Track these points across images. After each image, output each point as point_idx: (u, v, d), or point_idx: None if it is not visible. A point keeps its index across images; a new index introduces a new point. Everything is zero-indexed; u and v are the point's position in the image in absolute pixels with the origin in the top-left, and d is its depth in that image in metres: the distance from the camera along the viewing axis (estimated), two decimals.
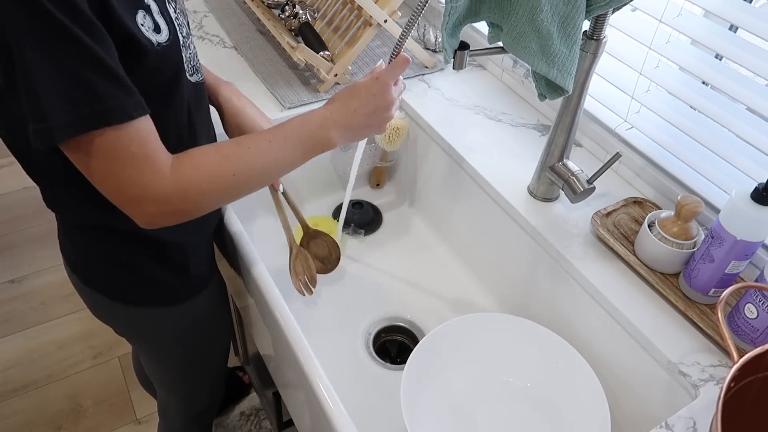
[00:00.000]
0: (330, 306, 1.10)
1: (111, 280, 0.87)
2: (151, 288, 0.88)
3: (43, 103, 0.57)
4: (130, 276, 0.86)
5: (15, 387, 1.62)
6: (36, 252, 1.96)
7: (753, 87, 0.84)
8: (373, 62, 1.28)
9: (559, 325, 0.95)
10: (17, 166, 0.79)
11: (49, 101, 0.57)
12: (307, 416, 0.91)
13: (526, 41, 0.80)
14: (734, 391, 0.65)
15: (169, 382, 1.11)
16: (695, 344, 0.81)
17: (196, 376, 1.11)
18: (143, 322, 0.93)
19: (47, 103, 0.57)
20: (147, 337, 0.98)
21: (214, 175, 0.69)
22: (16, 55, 0.56)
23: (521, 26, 0.80)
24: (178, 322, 0.95)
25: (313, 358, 0.80)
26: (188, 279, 0.92)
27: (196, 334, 1.00)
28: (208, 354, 1.08)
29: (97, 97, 0.59)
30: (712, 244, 0.79)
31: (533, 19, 0.78)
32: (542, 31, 0.78)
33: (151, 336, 0.98)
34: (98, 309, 0.94)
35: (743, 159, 0.87)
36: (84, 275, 0.88)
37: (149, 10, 0.66)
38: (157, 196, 0.65)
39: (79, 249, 0.86)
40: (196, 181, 0.67)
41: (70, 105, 0.58)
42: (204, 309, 0.98)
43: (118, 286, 0.87)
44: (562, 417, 0.89)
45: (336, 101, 0.77)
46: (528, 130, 1.15)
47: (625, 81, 1.01)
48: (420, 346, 0.88)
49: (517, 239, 1.01)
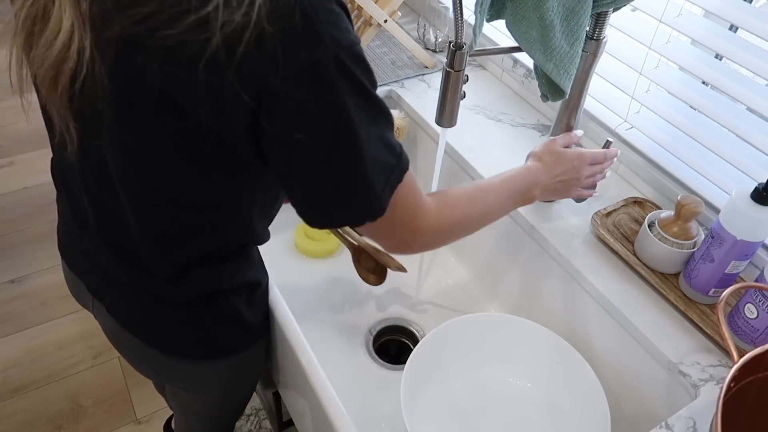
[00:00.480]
0: (330, 306, 1.10)
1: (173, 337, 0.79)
2: (215, 343, 0.81)
3: (370, 176, 0.58)
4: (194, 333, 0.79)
5: (15, 387, 1.62)
6: (36, 252, 1.95)
7: (753, 87, 0.84)
8: (373, 62, 1.28)
9: (559, 325, 0.95)
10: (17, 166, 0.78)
11: (373, 171, 0.58)
12: (307, 416, 0.91)
13: (527, 27, 0.79)
14: (734, 391, 0.65)
15: (203, 417, 1.06)
16: (695, 344, 0.81)
17: (232, 406, 1.06)
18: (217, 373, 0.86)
19: (372, 174, 0.58)
20: (212, 385, 0.91)
21: (466, 218, 0.75)
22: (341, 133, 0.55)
23: (525, 10, 0.79)
24: (233, 371, 0.88)
25: (313, 358, 0.80)
26: (259, 325, 0.86)
27: (249, 373, 0.95)
28: (249, 388, 1.02)
29: (395, 153, 0.60)
30: (712, 244, 0.79)
31: (539, 5, 0.77)
32: (546, 20, 0.77)
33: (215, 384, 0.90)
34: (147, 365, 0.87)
35: (743, 159, 0.87)
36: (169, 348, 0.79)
37: None
38: (424, 237, 0.68)
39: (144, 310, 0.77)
40: (452, 221, 0.72)
41: (383, 169, 0.59)
42: (259, 353, 0.92)
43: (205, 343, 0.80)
44: (562, 417, 0.89)
45: (544, 162, 0.85)
46: (528, 130, 1.15)
47: (625, 81, 1.01)
48: (420, 346, 0.88)
49: (517, 239, 1.01)
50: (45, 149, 2.30)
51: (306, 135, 0.55)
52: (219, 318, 0.79)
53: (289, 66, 0.51)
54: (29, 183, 2.16)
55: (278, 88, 0.52)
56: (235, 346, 0.84)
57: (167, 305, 0.76)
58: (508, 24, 0.83)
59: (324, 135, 0.55)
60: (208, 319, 0.78)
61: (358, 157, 0.57)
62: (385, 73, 1.25)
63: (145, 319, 0.79)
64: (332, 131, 0.55)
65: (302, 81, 0.52)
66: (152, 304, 0.77)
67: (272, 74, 0.51)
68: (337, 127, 0.55)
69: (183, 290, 0.74)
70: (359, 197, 0.59)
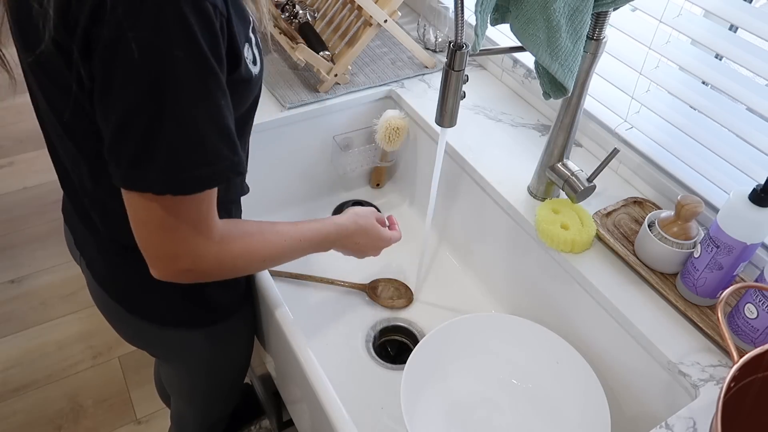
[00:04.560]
0: (330, 306, 1.10)
1: (162, 305, 0.82)
2: (207, 308, 0.85)
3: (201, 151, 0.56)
4: (188, 298, 0.82)
5: (15, 387, 1.62)
6: (36, 252, 1.95)
7: (753, 87, 0.84)
8: (373, 62, 1.28)
9: (559, 325, 0.95)
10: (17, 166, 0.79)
11: (203, 152, 0.57)
12: (307, 416, 0.91)
13: (535, 29, 0.79)
14: (734, 391, 0.65)
15: (192, 395, 1.08)
16: (695, 344, 0.81)
17: (221, 388, 1.08)
18: (191, 343, 0.89)
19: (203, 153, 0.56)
20: (191, 357, 0.94)
21: (251, 255, 0.71)
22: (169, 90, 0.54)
23: (532, 12, 0.78)
24: (221, 338, 0.92)
25: (313, 358, 0.80)
26: (239, 295, 0.89)
27: (230, 349, 0.98)
28: (236, 366, 1.05)
29: (206, 161, 0.58)
30: (718, 252, 0.79)
31: (546, 7, 0.77)
32: (553, 21, 0.77)
33: (195, 355, 0.93)
34: (139, 336, 0.90)
35: (743, 159, 0.87)
36: (129, 303, 0.82)
37: (251, 42, 0.66)
38: (196, 259, 0.65)
39: (124, 275, 0.80)
40: (235, 256, 0.69)
41: (186, 162, 0.57)
42: (245, 322, 0.96)
43: (172, 311, 0.83)
44: (562, 417, 0.89)
45: (350, 227, 0.86)
46: (528, 130, 1.15)
47: (625, 81, 1.01)
48: (420, 346, 0.89)
49: (517, 239, 1.01)
50: (45, 149, 2.29)
51: (113, 72, 0.54)
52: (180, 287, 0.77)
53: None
54: (29, 183, 2.16)
55: (105, 16, 0.52)
56: (198, 320, 0.85)
57: (131, 265, 0.76)
58: (513, 27, 0.83)
59: (131, 78, 0.54)
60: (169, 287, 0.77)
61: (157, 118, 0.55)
62: (385, 73, 1.25)
63: (113, 277, 0.81)
64: (138, 77, 0.54)
65: (128, 10, 0.52)
66: (118, 262, 0.78)
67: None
68: (145, 72, 0.53)
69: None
70: (134, 164, 0.57)
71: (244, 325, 0.96)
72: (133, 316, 0.83)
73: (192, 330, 0.87)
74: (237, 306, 0.90)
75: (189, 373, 1.00)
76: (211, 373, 1.00)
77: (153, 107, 0.55)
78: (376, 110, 1.21)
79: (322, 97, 1.17)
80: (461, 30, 0.76)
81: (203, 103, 0.56)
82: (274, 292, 0.88)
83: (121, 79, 0.54)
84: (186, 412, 1.16)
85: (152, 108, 0.55)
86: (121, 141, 0.57)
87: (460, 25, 0.75)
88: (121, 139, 0.57)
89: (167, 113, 0.55)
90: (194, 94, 0.56)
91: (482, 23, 0.77)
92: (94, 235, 0.79)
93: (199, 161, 0.58)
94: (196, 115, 0.56)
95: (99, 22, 0.53)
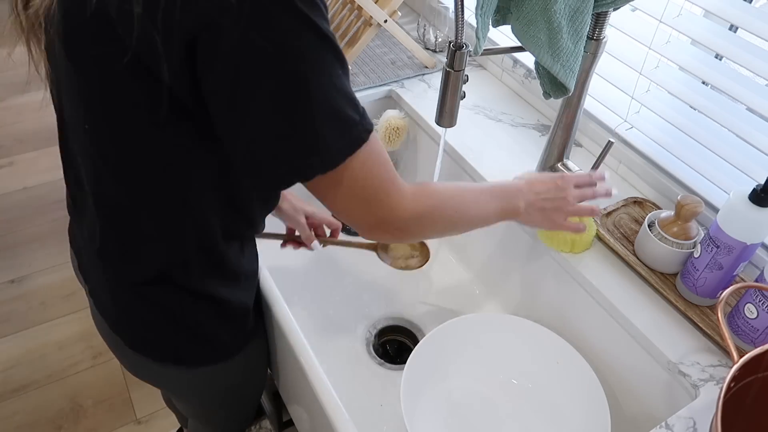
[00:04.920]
0: (330, 306, 1.10)
1: (163, 342, 0.79)
2: (209, 348, 0.81)
3: (321, 130, 0.55)
4: (188, 336, 0.78)
5: (15, 387, 1.62)
6: (36, 252, 1.95)
7: (753, 87, 0.84)
8: (373, 62, 1.28)
9: (559, 325, 0.95)
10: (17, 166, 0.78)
11: (327, 126, 0.55)
12: (307, 416, 0.91)
13: (536, 30, 0.79)
14: (734, 391, 0.65)
15: (207, 419, 1.06)
16: (695, 344, 0.81)
17: (237, 412, 1.06)
18: (197, 381, 0.87)
19: (326, 129, 0.55)
20: (195, 392, 0.92)
21: (443, 208, 0.71)
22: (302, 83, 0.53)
23: (533, 14, 0.79)
24: (229, 375, 0.89)
25: (313, 358, 0.80)
26: (247, 330, 0.86)
27: (246, 380, 0.95)
28: (252, 392, 1.03)
29: (358, 110, 0.57)
30: (718, 252, 0.79)
31: (546, 8, 0.77)
32: (554, 22, 0.77)
33: (201, 392, 0.91)
34: (141, 370, 0.87)
35: (743, 159, 0.87)
36: (131, 338, 0.79)
37: None
38: (398, 218, 0.64)
39: (129, 309, 0.77)
40: (430, 209, 0.68)
41: (343, 125, 0.56)
42: (256, 355, 0.93)
43: (171, 348, 0.80)
44: (562, 417, 0.89)
45: (526, 179, 0.82)
46: (528, 130, 1.15)
47: (625, 81, 1.01)
48: (420, 346, 0.88)
49: (516, 239, 1.01)
50: (45, 149, 2.30)
51: (248, 77, 0.52)
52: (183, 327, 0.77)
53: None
54: (29, 183, 2.16)
55: (215, 20, 0.50)
56: (199, 359, 0.82)
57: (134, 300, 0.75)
58: (515, 29, 0.83)
59: (268, 78, 0.52)
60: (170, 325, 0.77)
61: (308, 102, 0.53)
62: (385, 73, 1.25)
63: (115, 309, 0.78)
64: (277, 73, 0.52)
65: (242, 13, 0.50)
66: (121, 295, 0.76)
67: (209, 3, 0.49)
68: (282, 68, 0.52)
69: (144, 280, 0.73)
70: (307, 146, 0.55)
71: (255, 357, 0.93)
72: (132, 351, 0.80)
73: (193, 368, 0.83)
74: (242, 343, 0.86)
75: (199, 404, 0.97)
76: (223, 404, 0.98)
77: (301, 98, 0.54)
78: (376, 110, 1.21)
79: None
80: (461, 30, 0.76)
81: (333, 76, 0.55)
82: (273, 291, 0.88)
83: (256, 81, 0.53)
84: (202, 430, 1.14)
85: (301, 99, 0.54)
86: (280, 138, 0.55)
87: (460, 25, 0.75)
88: (279, 137, 0.55)
89: (313, 100, 0.54)
90: (326, 76, 0.54)
91: (483, 26, 0.77)
92: (102, 264, 0.76)
93: (358, 115, 0.57)
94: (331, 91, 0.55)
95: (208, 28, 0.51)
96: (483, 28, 0.77)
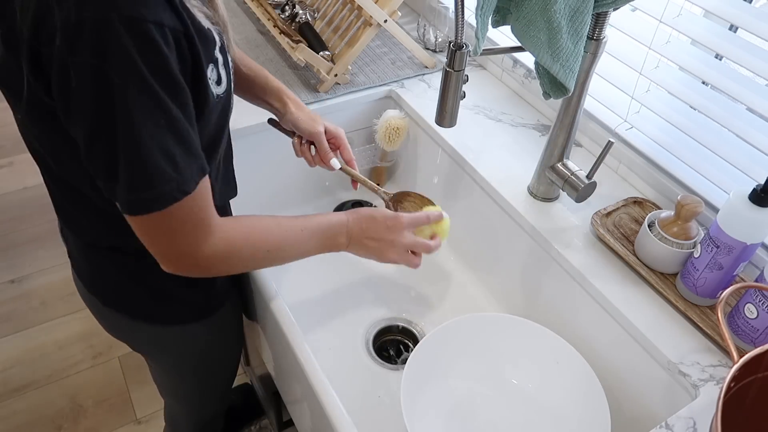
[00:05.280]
0: (330, 306, 1.10)
1: (134, 300, 0.83)
2: (177, 307, 0.85)
3: (144, 174, 0.58)
4: (156, 296, 0.83)
5: (15, 387, 1.62)
6: (36, 252, 1.95)
7: (753, 87, 0.84)
8: (373, 62, 1.28)
9: (558, 325, 0.95)
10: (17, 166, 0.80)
11: (147, 175, 0.58)
12: (307, 416, 0.91)
13: (536, 30, 0.79)
14: (734, 391, 0.65)
15: (181, 393, 1.08)
16: (695, 344, 0.81)
17: (210, 385, 1.09)
18: (167, 339, 0.91)
19: (146, 176, 0.58)
20: (168, 353, 0.95)
21: (254, 246, 0.72)
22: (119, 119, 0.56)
23: (533, 14, 0.79)
24: (202, 337, 0.92)
25: (313, 358, 0.80)
26: (215, 294, 0.89)
27: (216, 346, 0.98)
28: (224, 364, 1.06)
29: (178, 170, 0.59)
30: (718, 252, 0.79)
31: (546, 9, 0.77)
32: (553, 23, 0.78)
33: (172, 352, 0.95)
34: (117, 329, 0.91)
35: (743, 159, 0.87)
36: (103, 296, 0.84)
37: (217, 62, 0.65)
38: (203, 255, 0.66)
39: (97, 269, 0.83)
40: (239, 247, 0.70)
41: (159, 179, 0.58)
42: (227, 320, 0.96)
43: (142, 306, 0.84)
44: (562, 417, 0.89)
45: (356, 215, 0.82)
46: (528, 130, 1.15)
47: (625, 81, 1.01)
48: (420, 346, 0.88)
49: (517, 239, 1.01)
50: None
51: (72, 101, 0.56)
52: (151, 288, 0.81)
53: (61, 15, 0.53)
54: (29, 183, 2.16)
55: (54, 37, 0.54)
56: (169, 318, 0.86)
57: (103, 258, 0.79)
58: (515, 29, 0.83)
59: (87, 113, 0.56)
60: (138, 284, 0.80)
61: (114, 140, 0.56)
62: (385, 73, 1.25)
63: (88, 269, 0.83)
64: (95, 110, 0.56)
65: (70, 38, 0.53)
66: (92, 256, 0.81)
67: (51, 18, 0.54)
68: (100, 107, 0.55)
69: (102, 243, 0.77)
70: (110, 175, 0.59)
71: (226, 324, 0.96)
72: (107, 308, 0.85)
73: (166, 327, 0.87)
74: (213, 306, 0.90)
75: (171, 370, 1.00)
76: (194, 370, 1.00)
77: (106, 129, 0.57)
78: (376, 110, 1.21)
79: (322, 97, 1.17)
80: (461, 30, 0.76)
81: (146, 125, 0.57)
82: (272, 290, 0.88)
83: (73, 102, 0.57)
84: (179, 411, 1.17)
85: (106, 130, 0.57)
86: (92, 158, 0.60)
87: (460, 25, 0.75)
88: (92, 157, 0.60)
89: (118, 135, 0.57)
90: (135, 117, 0.56)
91: (483, 26, 0.77)
92: (69, 228, 0.81)
93: (142, 185, 0.59)
94: (140, 137, 0.57)
95: (45, 45, 0.55)
96: (483, 28, 0.77)
